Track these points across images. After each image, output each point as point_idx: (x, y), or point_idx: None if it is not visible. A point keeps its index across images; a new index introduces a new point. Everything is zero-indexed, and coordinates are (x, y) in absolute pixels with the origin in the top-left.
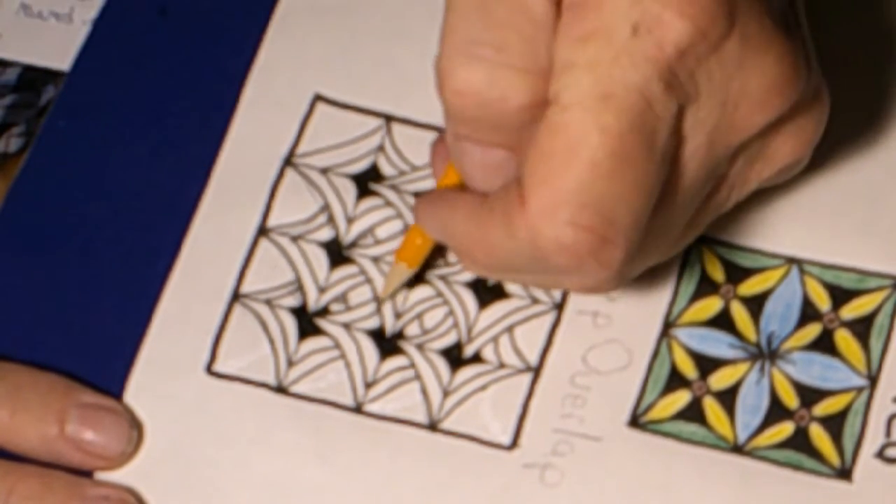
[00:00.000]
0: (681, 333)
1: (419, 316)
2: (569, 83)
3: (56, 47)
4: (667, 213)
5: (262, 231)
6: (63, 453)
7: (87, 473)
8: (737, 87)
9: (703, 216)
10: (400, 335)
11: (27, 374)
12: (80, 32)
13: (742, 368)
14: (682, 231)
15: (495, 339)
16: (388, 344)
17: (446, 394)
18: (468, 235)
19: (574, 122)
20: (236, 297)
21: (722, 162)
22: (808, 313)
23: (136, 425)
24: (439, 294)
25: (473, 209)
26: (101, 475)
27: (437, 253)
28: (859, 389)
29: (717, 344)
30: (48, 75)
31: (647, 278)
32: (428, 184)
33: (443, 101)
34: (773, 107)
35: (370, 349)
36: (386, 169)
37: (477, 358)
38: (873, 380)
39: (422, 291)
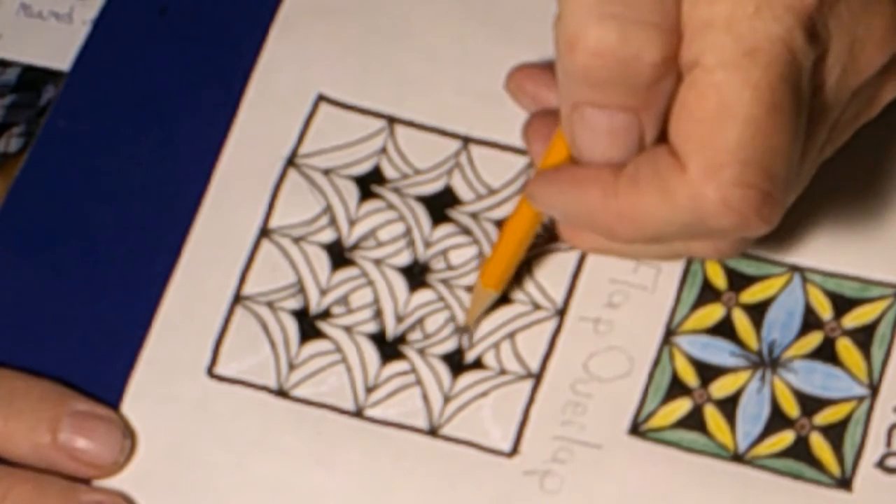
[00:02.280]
0: (682, 341)
1: (421, 320)
2: (710, 43)
3: (56, 47)
4: (802, 160)
5: (264, 232)
6: (55, 461)
7: (83, 480)
8: (862, 29)
9: (818, 161)
10: (401, 340)
11: (20, 381)
12: (80, 32)
13: (743, 377)
14: (805, 174)
15: (496, 345)
16: (389, 348)
17: (447, 399)
18: (607, 210)
19: (725, 82)
20: (238, 299)
21: (843, 106)
22: (810, 322)
23: (129, 434)
24: (441, 298)
25: (608, 182)
26: (98, 480)
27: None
28: (860, 399)
29: (718, 352)
30: (48, 75)
31: (650, 285)
32: (430, 187)
33: (571, 65)
34: (891, 45)
35: (371, 353)
36: (388, 171)
37: (478, 364)
38: (874, 389)
39: (424, 295)
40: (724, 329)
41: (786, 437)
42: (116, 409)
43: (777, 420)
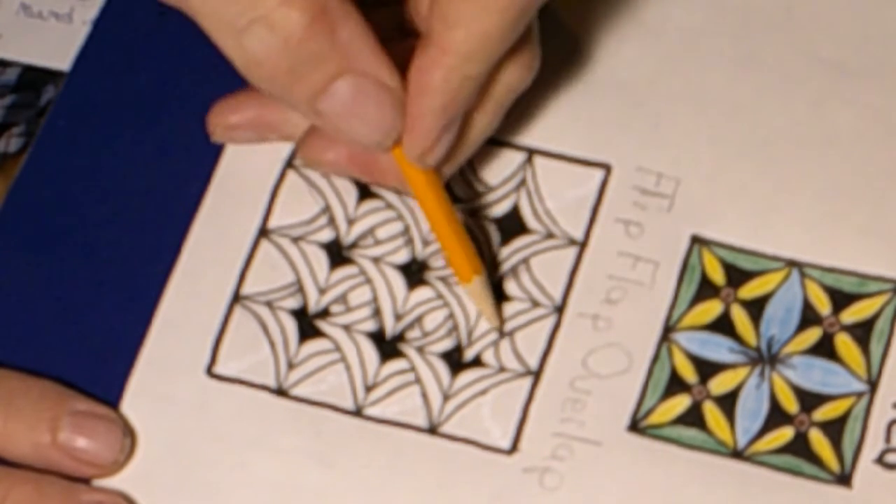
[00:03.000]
0: (681, 337)
1: (419, 318)
2: None
3: (56, 47)
4: None
5: (263, 232)
6: (55, 461)
7: (83, 479)
8: None
9: None
10: (400, 338)
11: (19, 381)
12: (80, 32)
13: (742, 373)
14: None
15: (496, 343)
16: (388, 347)
17: (446, 397)
18: (453, 61)
19: None
20: (237, 298)
21: None
22: (809, 317)
23: (129, 433)
24: (440, 296)
25: (432, 56)
26: (98, 480)
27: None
28: (859, 394)
29: (717, 348)
30: (48, 75)
31: (648, 281)
32: None
33: (256, 81)
34: None
35: (370, 352)
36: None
37: (477, 362)
38: (873, 385)
39: (422, 293)
40: (723, 325)
41: (785, 434)
42: (116, 409)
43: (776, 416)
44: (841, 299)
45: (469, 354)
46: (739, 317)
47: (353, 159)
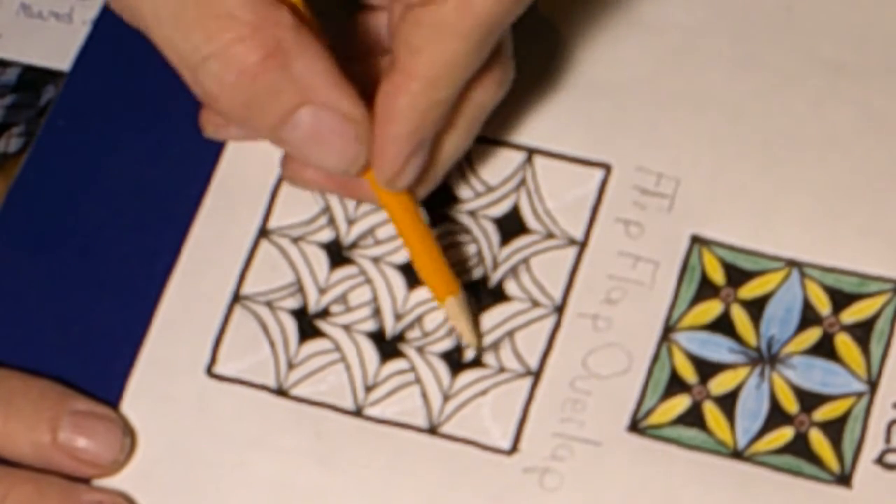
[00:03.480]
0: (681, 337)
1: (419, 318)
2: None
3: (56, 47)
4: None
5: (263, 232)
6: (55, 461)
7: (83, 479)
8: None
9: None
10: (400, 338)
11: (19, 381)
12: (80, 32)
13: (742, 373)
14: None
15: (495, 344)
16: (388, 347)
17: (446, 398)
18: (429, 78)
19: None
20: (237, 298)
21: None
22: (809, 317)
23: (129, 433)
24: None
25: (403, 75)
26: (98, 480)
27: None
28: (859, 395)
29: (717, 348)
30: (48, 75)
31: (648, 281)
32: None
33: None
34: None
35: (370, 352)
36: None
37: (477, 362)
38: (873, 385)
39: (422, 293)
40: (723, 325)
41: (785, 434)
42: (116, 409)
43: (776, 416)
44: (841, 299)
45: (469, 354)
46: (739, 317)
47: (330, 179)
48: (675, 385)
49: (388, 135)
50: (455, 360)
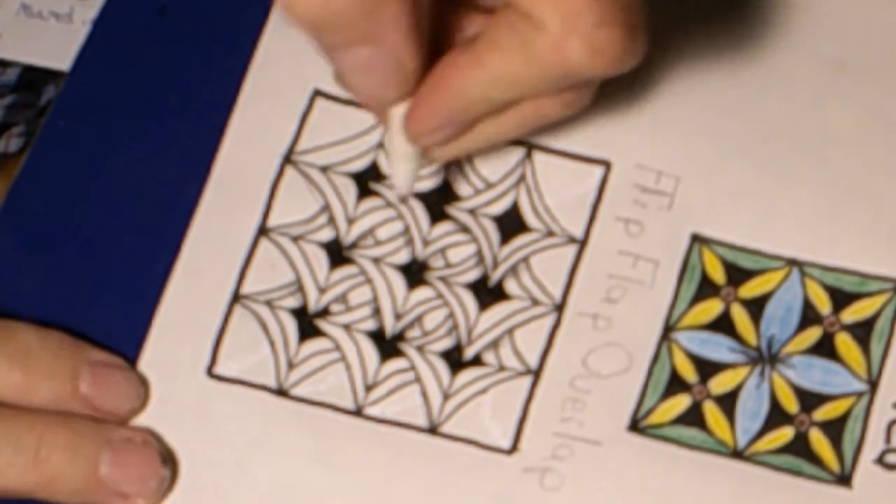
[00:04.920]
0: (681, 337)
1: (419, 318)
2: None
3: (56, 47)
4: None
5: (263, 231)
6: (76, 410)
7: None
8: None
9: None
10: (400, 337)
11: (35, 333)
12: (80, 32)
13: (742, 372)
14: None
15: (495, 342)
16: (388, 346)
17: (446, 397)
18: (478, 83)
19: None
20: (237, 298)
21: None
22: (809, 316)
23: (143, 382)
24: (440, 296)
25: (468, 60)
26: None
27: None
28: (859, 394)
29: (717, 348)
30: (48, 75)
31: (648, 280)
32: (427, 183)
33: (293, 20)
34: None
35: (370, 351)
36: (386, 167)
37: (477, 361)
38: (873, 385)
39: (422, 293)
40: (723, 324)
41: (785, 433)
42: None
43: (776, 416)
44: (841, 299)
45: (469, 353)
46: (740, 316)
47: None
48: (676, 384)
49: (430, 97)
50: (455, 359)
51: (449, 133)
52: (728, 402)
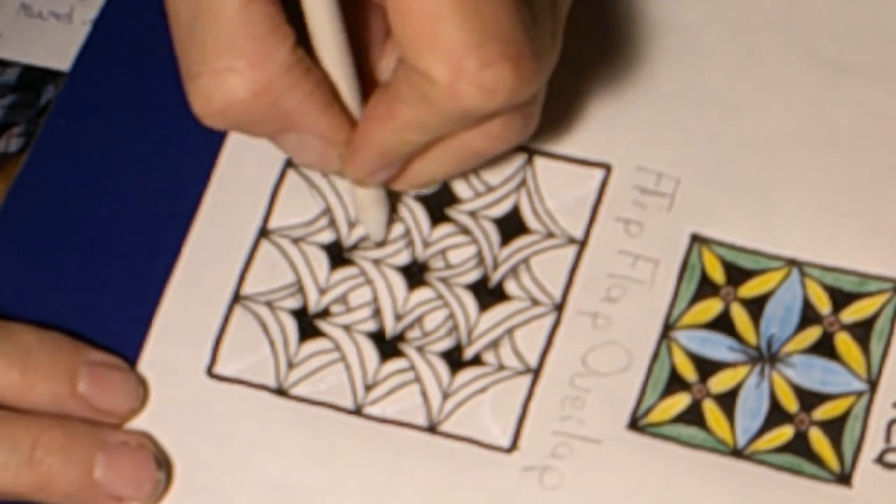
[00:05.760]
0: (681, 336)
1: (419, 318)
2: None
3: (56, 47)
4: (532, 10)
5: (263, 233)
6: (74, 411)
7: None
8: None
9: (559, 19)
10: (400, 337)
11: (34, 334)
12: (80, 32)
13: (742, 371)
14: (551, 39)
15: (495, 342)
16: (388, 346)
17: (446, 396)
18: (396, 129)
19: None
20: (237, 298)
21: None
22: (809, 316)
23: (142, 382)
24: (440, 296)
25: (385, 109)
26: None
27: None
28: (859, 394)
29: (716, 346)
30: (48, 75)
31: (648, 280)
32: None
33: (218, 125)
34: None
35: (370, 351)
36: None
37: (477, 360)
38: (873, 384)
39: (422, 293)
40: (723, 324)
41: (785, 433)
42: None
43: (776, 415)
44: (841, 298)
45: (469, 353)
46: (739, 315)
47: None
48: (675, 383)
49: (360, 146)
50: (455, 359)
51: (387, 174)
52: (728, 401)
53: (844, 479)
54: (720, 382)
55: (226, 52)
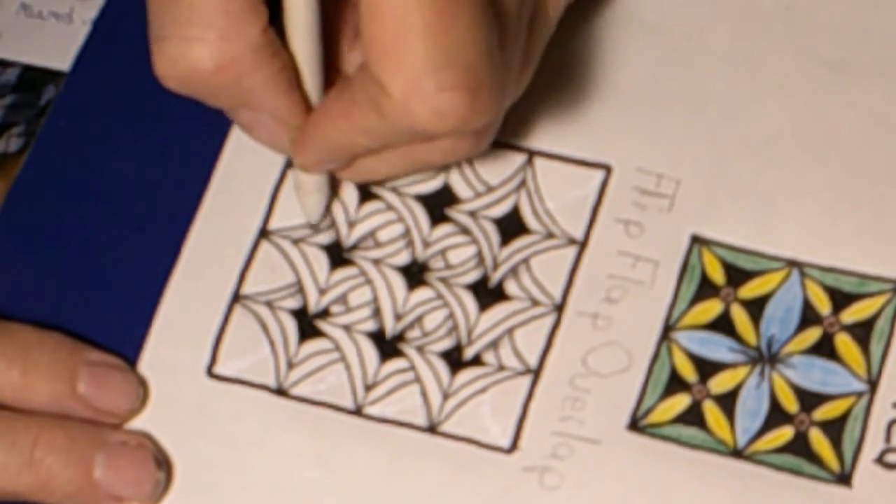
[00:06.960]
0: (681, 336)
1: (419, 318)
2: None
3: (56, 47)
4: (502, 44)
5: (263, 233)
6: (74, 410)
7: None
8: None
9: (535, 42)
10: (400, 337)
11: (33, 334)
12: (80, 32)
13: (742, 372)
14: (523, 61)
15: (495, 342)
16: (388, 346)
17: (446, 396)
18: (352, 130)
19: (393, 1)
20: (237, 298)
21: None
22: (809, 317)
23: (142, 382)
24: (440, 296)
25: (339, 110)
26: None
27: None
28: (859, 394)
29: (717, 347)
30: (48, 75)
31: (648, 280)
32: (428, 185)
33: (179, 89)
34: None
35: (370, 351)
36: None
37: (477, 360)
38: (873, 385)
39: (422, 293)
40: (723, 324)
41: (785, 433)
42: None
43: (776, 415)
44: (841, 299)
45: (469, 353)
46: (739, 316)
47: None
48: (675, 384)
49: (311, 136)
50: (455, 359)
51: (332, 166)
52: (728, 402)
53: (844, 479)
54: (720, 383)
55: (198, 20)
